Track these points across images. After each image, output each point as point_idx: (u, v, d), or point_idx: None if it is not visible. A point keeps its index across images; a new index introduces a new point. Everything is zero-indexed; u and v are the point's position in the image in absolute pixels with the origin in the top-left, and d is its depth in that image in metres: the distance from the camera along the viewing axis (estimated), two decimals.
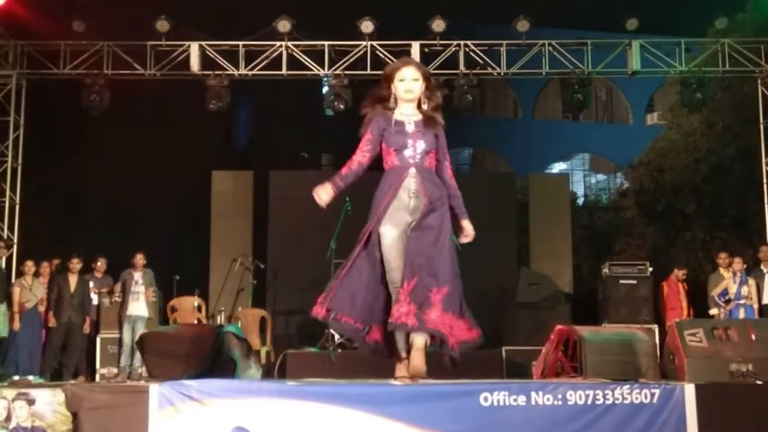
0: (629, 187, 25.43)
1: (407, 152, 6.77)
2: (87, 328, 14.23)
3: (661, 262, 17.77)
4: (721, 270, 14.86)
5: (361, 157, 6.84)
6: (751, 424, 6.61)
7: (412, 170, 6.78)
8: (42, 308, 14.14)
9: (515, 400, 6.40)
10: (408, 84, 6.76)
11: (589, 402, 6.39)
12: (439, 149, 6.88)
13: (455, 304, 6.75)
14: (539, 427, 6.39)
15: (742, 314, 13.82)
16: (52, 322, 13.97)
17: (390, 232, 6.75)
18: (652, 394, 6.40)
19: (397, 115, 6.83)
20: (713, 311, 14.66)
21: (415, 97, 6.81)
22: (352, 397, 6.46)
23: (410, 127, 6.79)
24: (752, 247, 16.01)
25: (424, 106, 6.85)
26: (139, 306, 14.31)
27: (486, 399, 6.41)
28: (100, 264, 14.88)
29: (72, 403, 6.79)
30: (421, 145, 6.77)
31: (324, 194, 6.81)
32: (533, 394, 6.42)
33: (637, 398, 6.40)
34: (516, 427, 6.39)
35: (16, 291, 13.95)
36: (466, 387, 6.58)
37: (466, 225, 7.17)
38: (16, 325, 13.81)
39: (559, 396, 6.40)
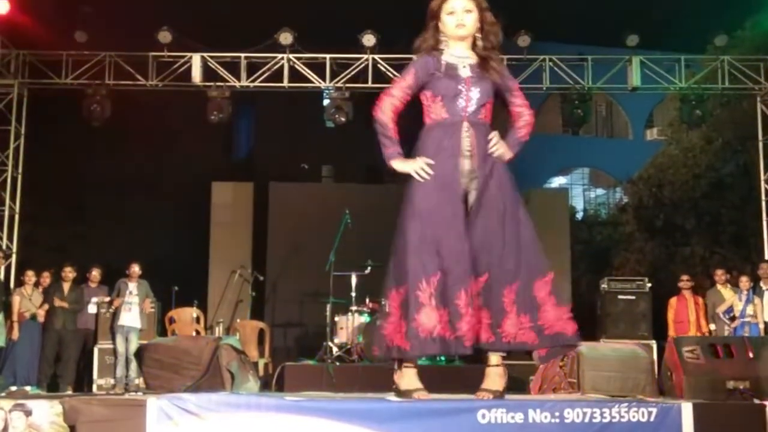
0: (628, 202, 25.45)
1: (460, 102, 5.57)
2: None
3: (660, 277, 17.78)
4: (719, 286, 14.85)
5: (399, 104, 5.73)
6: None
7: (465, 124, 5.59)
8: (41, 318, 14.12)
9: (513, 417, 6.38)
10: (459, 17, 5.59)
11: (587, 420, 6.38)
12: (508, 93, 5.77)
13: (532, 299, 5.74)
14: None
15: (747, 332, 13.79)
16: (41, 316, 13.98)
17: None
18: (650, 413, 6.38)
19: (447, 56, 5.65)
20: (712, 327, 14.65)
21: (469, 33, 5.63)
22: (349, 413, 6.45)
23: (464, 72, 5.60)
24: (750, 263, 16.01)
25: (480, 44, 5.67)
26: (131, 317, 14.17)
27: (483, 416, 6.41)
28: (95, 274, 14.79)
29: (69, 416, 6.78)
30: (475, 94, 5.58)
31: (407, 166, 5.59)
32: (530, 412, 6.41)
33: (634, 416, 6.38)
34: None
35: (16, 300, 13.94)
36: (463, 404, 6.57)
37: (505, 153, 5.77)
38: (16, 335, 13.79)
39: (557, 414, 6.38)
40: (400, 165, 5.58)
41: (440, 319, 5.45)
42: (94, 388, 13.99)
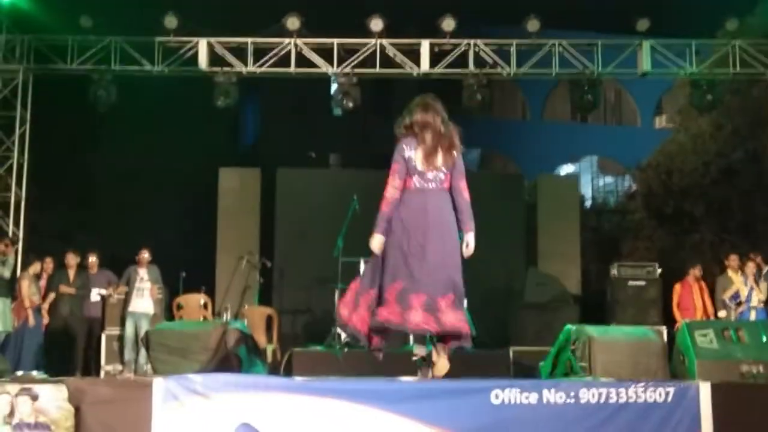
0: (637, 189, 25.32)
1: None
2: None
3: (670, 264, 17.64)
4: (730, 272, 14.77)
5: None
6: (766, 424, 6.52)
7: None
8: (45, 304, 14.07)
9: (527, 398, 6.32)
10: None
11: (602, 400, 6.30)
12: (456, 172, 7.34)
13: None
14: (551, 425, 6.31)
15: (753, 317, 13.72)
16: (46, 319, 13.94)
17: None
18: (666, 393, 6.31)
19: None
20: (721, 313, 14.57)
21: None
22: (360, 393, 6.38)
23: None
24: (760, 250, 15.89)
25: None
26: (142, 302, 14.19)
27: (497, 396, 6.33)
28: (93, 260, 14.66)
29: (74, 397, 6.71)
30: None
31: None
32: (545, 392, 6.33)
33: (650, 397, 6.30)
34: (527, 425, 6.30)
35: (24, 284, 13.83)
36: (476, 384, 6.50)
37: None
38: (32, 321, 13.70)
39: (572, 394, 6.31)
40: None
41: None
42: (102, 374, 13.93)
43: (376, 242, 7.21)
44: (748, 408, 6.50)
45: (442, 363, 6.95)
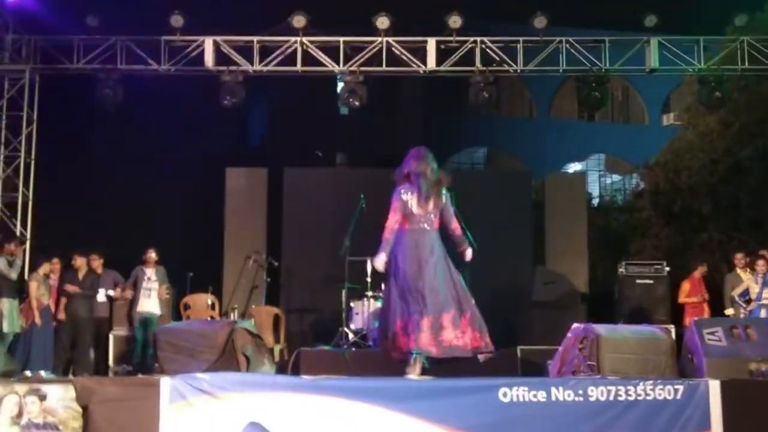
0: (645, 187, 25.25)
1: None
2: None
3: (678, 262, 17.60)
4: (738, 270, 14.74)
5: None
6: None
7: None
8: (61, 306, 14.08)
9: (535, 395, 6.30)
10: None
11: (611, 398, 6.29)
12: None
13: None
14: (560, 423, 6.29)
15: (763, 315, 13.66)
16: (61, 315, 13.95)
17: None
18: (676, 390, 6.29)
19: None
20: (729, 311, 14.56)
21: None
22: (368, 392, 6.36)
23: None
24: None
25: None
26: (150, 303, 14.20)
27: (505, 395, 6.31)
28: (99, 261, 14.58)
29: (82, 396, 6.71)
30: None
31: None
32: (553, 390, 6.31)
33: (660, 394, 6.28)
34: (536, 422, 6.28)
35: (33, 286, 13.84)
36: (484, 382, 6.48)
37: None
38: (39, 321, 13.71)
39: (580, 392, 6.29)
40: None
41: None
42: (110, 374, 13.92)
43: (380, 261, 8.51)
44: (757, 405, 6.47)
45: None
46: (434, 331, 7.95)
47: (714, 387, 6.29)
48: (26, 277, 14.30)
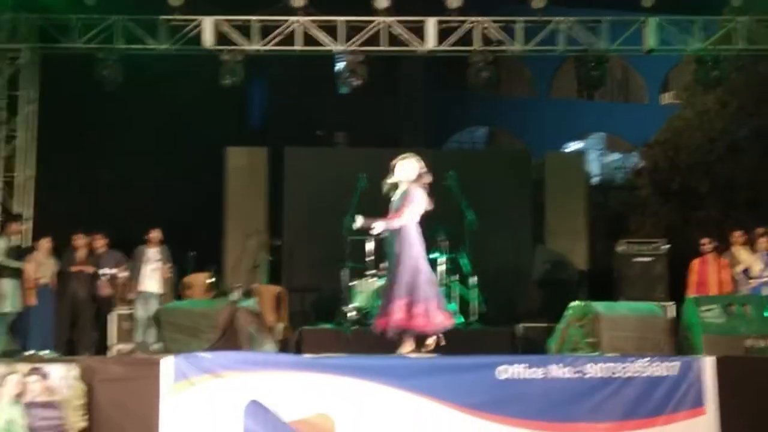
0: (644, 166, 25.27)
1: None
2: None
3: (676, 240, 17.63)
4: (735, 247, 14.74)
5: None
6: None
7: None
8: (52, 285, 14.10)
9: (533, 373, 6.36)
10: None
11: (608, 375, 6.35)
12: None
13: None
14: (557, 400, 6.36)
15: (766, 293, 13.67)
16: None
17: None
18: (671, 367, 6.36)
19: None
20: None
21: None
22: (369, 370, 6.43)
23: None
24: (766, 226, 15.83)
25: None
26: (152, 282, 14.18)
27: (503, 372, 6.37)
28: (101, 240, 14.59)
29: (85, 376, 6.77)
30: None
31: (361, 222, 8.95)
32: (551, 367, 6.39)
33: (656, 371, 6.36)
34: (533, 399, 6.35)
35: (30, 267, 13.88)
36: (482, 360, 6.54)
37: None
38: (33, 301, 13.75)
39: (578, 369, 6.36)
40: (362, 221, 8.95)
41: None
42: (114, 352, 13.95)
43: (380, 227, 8.73)
44: (752, 381, 6.54)
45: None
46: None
47: (709, 363, 6.37)
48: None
